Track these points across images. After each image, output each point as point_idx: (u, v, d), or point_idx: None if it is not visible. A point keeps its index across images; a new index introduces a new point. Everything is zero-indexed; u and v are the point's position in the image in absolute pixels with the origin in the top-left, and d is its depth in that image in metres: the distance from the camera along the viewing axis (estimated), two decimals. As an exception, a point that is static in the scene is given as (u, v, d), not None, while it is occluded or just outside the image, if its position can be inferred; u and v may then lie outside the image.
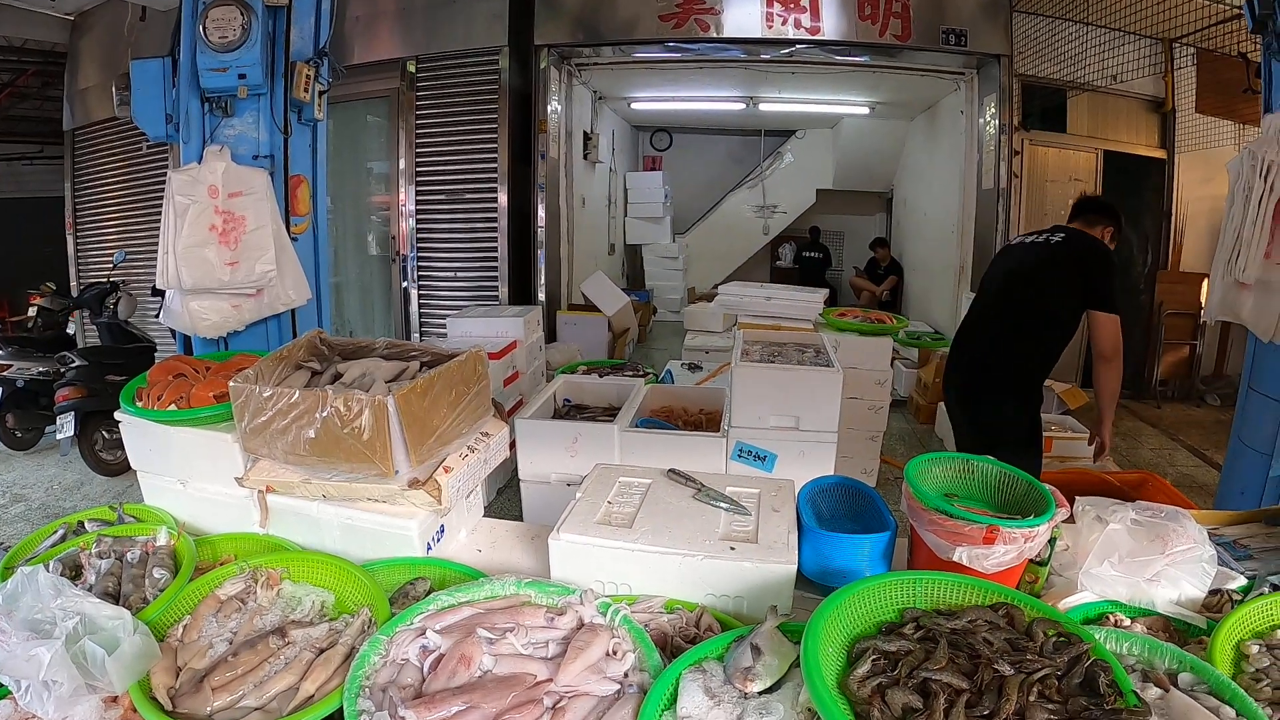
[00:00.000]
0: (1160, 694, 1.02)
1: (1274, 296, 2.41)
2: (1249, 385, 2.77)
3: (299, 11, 3.05)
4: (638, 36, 5.60)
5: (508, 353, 3.82)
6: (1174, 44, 5.88)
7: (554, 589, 1.25)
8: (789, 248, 10.31)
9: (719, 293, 4.76)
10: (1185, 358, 6.29)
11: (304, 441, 1.40)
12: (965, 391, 2.82)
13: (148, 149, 6.00)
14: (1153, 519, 1.35)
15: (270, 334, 3.14)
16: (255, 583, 1.31)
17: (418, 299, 6.06)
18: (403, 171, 5.90)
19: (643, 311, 7.84)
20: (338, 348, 1.70)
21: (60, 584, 1.15)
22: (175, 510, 1.68)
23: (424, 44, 5.71)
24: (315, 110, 3.18)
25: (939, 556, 1.28)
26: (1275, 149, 2.34)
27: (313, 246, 3.33)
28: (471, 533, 1.73)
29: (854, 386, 3.61)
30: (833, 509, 1.63)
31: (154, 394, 1.69)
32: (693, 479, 1.53)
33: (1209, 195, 6.13)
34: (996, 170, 5.63)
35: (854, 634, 1.06)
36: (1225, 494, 2.91)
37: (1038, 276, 2.63)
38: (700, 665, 1.05)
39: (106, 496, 4.13)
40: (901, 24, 5.30)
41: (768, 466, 2.35)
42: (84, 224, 7.13)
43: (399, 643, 1.11)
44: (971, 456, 1.51)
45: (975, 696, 0.92)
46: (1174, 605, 1.26)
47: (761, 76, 6.76)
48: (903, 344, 5.98)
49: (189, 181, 2.80)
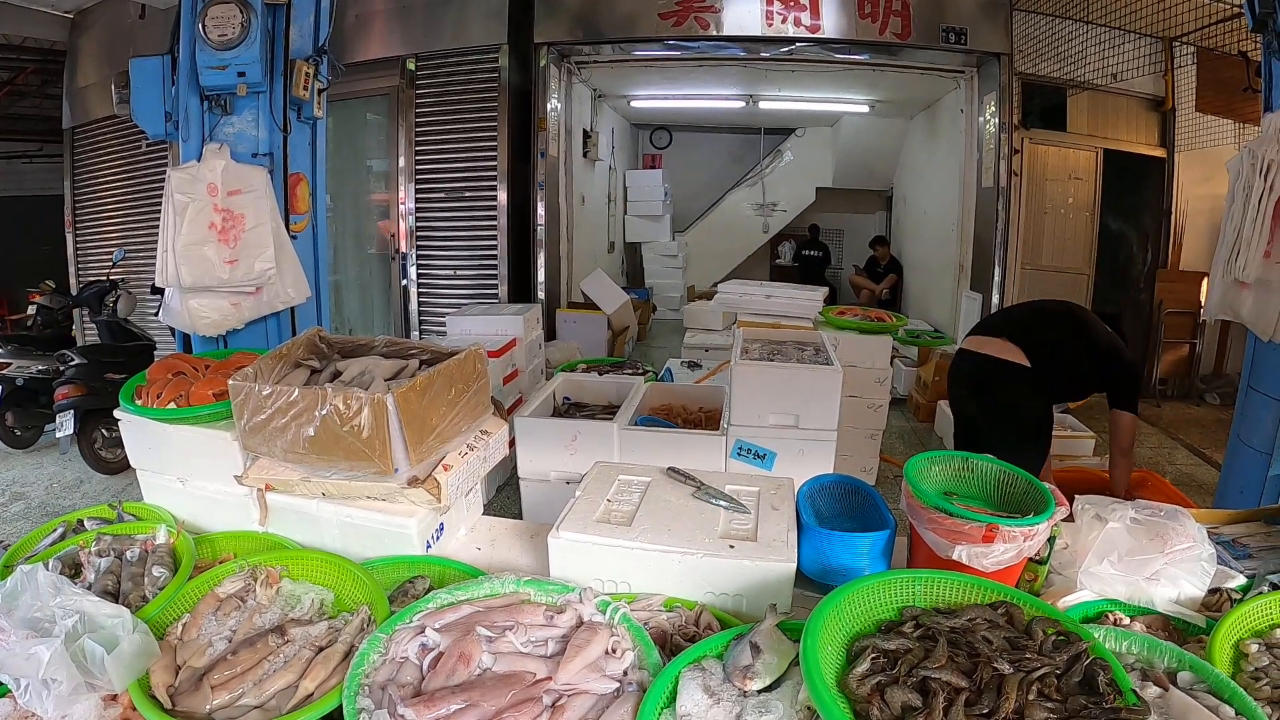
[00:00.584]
0: (1159, 693, 1.02)
1: (1273, 295, 2.40)
2: (1248, 384, 2.77)
3: (298, 9, 3.05)
4: (637, 34, 5.59)
5: (507, 351, 3.82)
6: (1174, 43, 5.87)
7: (553, 587, 1.25)
8: (788, 246, 10.30)
9: (718, 291, 4.75)
10: (1185, 356, 6.28)
11: (303, 440, 1.40)
12: (979, 380, 2.79)
13: (147, 147, 6.00)
14: (1152, 518, 1.35)
15: (269, 332, 3.14)
16: (254, 581, 1.31)
17: (417, 297, 6.06)
18: (402, 169, 5.89)
19: (642, 310, 7.84)
20: (337, 346, 1.70)
21: (60, 582, 1.15)
22: (175, 508, 1.68)
23: (424, 42, 5.70)
24: (315, 108, 3.17)
25: (938, 555, 1.28)
26: (1275, 148, 2.34)
27: (312, 244, 3.33)
28: (471, 531, 1.73)
29: (853, 385, 3.61)
30: (832, 507, 1.63)
31: (153, 392, 1.68)
32: (692, 477, 1.54)
33: (1209, 194, 6.13)
34: (996, 169, 5.63)
35: (853, 632, 1.06)
36: (1225, 493, 2.91)
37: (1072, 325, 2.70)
38: (700, 663, 1.05)
39: (106, 495, 4.13)
40: (901, 22, 5.30)
41: (767, 465, 2.35)
42: (83, 222, 7.12)
43: (398, 641, 1.11)
44: (971, 455, 1.51)
45: (974, 695, 0.92)
46: (1173, 604, 1.26)
47: (761, 75, 6.76)
48: (902, 342, 5.98)
49: (188, 179, 2.79)
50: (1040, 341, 2.66)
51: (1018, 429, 2.67)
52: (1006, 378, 2.65)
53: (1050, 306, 2.87)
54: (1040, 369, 2.62)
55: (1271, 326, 2.43)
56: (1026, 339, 2.66)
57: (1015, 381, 2.64)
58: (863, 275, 8.83)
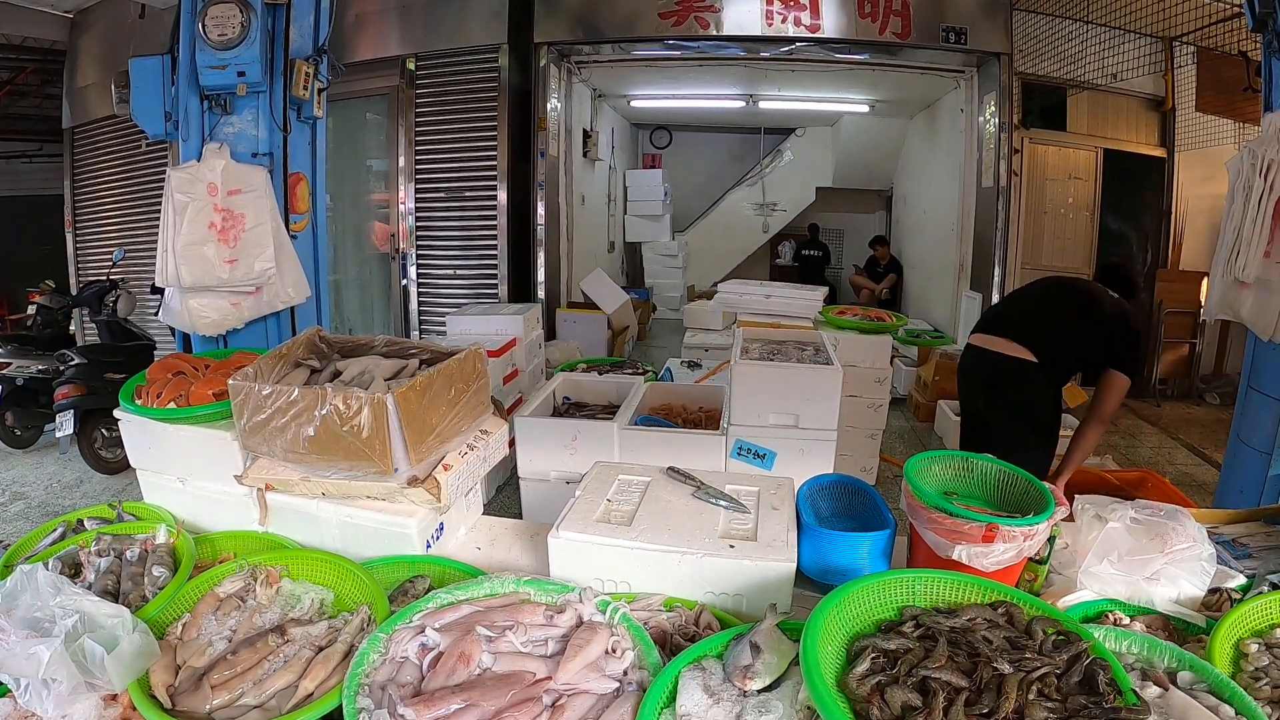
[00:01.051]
0: (1159, 692, 1.02)
1: (1273, 295, 2.40)
2: (1248, 384, 2.77)
3: (298, 9, 3.05)
4: (637, 34, 5.59)
5: (507, 350, 3.82)
6: (1174, 43, 5.87)
7: (553, 587, 1.25)
8: (788, 246, 10.30)
9: (718, 291, 4.76)
10: (1185, 356, 6.29)
11: (303, 439, 1.40)
12: (991, 378, 2.76)
13: (147, 147, 6.01)
14: (1152, 517, 1.35)
15: (269, 332, 3.14)
16: (254, 581, 1.31)
17: (417, 296, 6.06)
18: (402, 169, 5.89)
19: (642, 309, 7.84)
20: (337, 345, 1.70)
21: (59, 582, 1.15)
22: (174, 508, 1.68)
23: (424, 41, 5.70)
24: (314, 108, 3.17)
25: (938, 555, 1.28)
26: (1275, 148, 2.34)
27: (312, 244, 3.33)
28: (471, 530, 1.73)
29: (853, 384, 3.61)
30: (832, 507, 1.63)
31: (153, 392, 1.68)
32: (692, 477, 1.53)
33: (1209, 194, 6.13)
34: (996, 168, 5.63)
35: (853, 632, 1.06)
36: (1224, 492, 2.91)
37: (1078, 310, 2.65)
38: (699, 663, 1.05)
39: (106, 494, 4.13)
40: (901, 22, 5.30)
41: (767, 464, 2.35)
42: (83, 222, 7.12)
43: (398, 640, 1.11)
44: (971, 455, 1.51)
45: (974, 695, 0.92)
46: (1173, 604, 1.26)
47: (761, 74, 6.76)
48: (902, 342, 5.98)
49: (188, 179, 2.79)
50: (1046, 331, 2.63)
51: (1034, 427, 2.65)
52: (1018, 375, 2.64)
53: (1055, 289, 2.80)
54: (1049, 361, 2.60)
55: (1271, 326, 2.43)
56: (1032, 336, 2.63)
57: (1027, 378, 2.63)
58: (863, 275, 8.83)
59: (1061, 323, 2.64)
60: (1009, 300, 2.99)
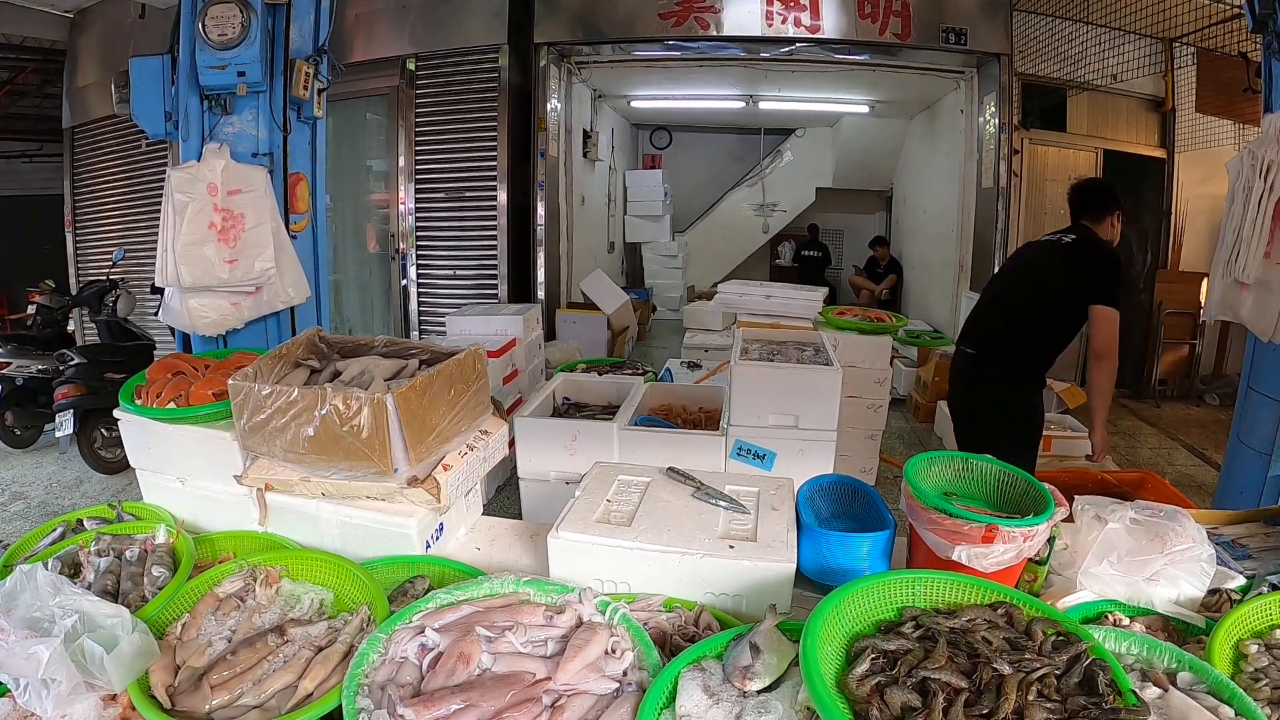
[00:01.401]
0: (1159, 693, 1.02)
1: (1273, 296, 2.40)
2: (1248, 385, 2.77)
3: (298, 9, 3.05)
4: (637, 35, 5.60)
5: (507, 351, 3.82)
6: (1174, 43, 5.87)
7: (553, 587, 1.24)
8: (788, 246, 10.30)
9: (718, 291, 4.75)
10: (1185, 357, 6.29)
11: (303, 439, 1.40)
12: (970, 374, 2.82)
13: (147, 146, 6.01)
14: (1152, 518, 1.35)
15: (269, 332, 3.14)
16: (254, 581, 1.31)
17: (417, 297, 6.06)
18: (402, 169, 5.89)
19: (642, 310, 7.84)
20: (337, 345, 1.70)
21: (59, 582, 1.15)
22: (174, 508, 1.68)
23: (424, 41, 5.70)
24: (314, 108, 3.18)
25: (938, 555, 1.28)
26: (1275, 148, 2.34)
27: (312, 244, 3.33)
28: (470, 531, 1.73)
29: (853, 385, 3.61)
30: (832, 508, 1.63)
31: (153, 392, 1.68)
32: (692, 477, 1.53)
33: (1209, 194, 6.13)
34: (996, 169, 5.63)
35: (853, 633, 1.06)
36: (1224, 493, 2.91)
37: (1046, 272, 2.67)
38: (699, 664, 1.05)
39: (105, 494, 4.13)
40: (901, 23, 5.30)
41: (767, 465, 2.35)
42: (83, 222, 7.12)
43: (398, 641, 1.10)
44: (971, 455, 1.51)
45: (974, 695, 0.92)
46: (1173, 604, 1.26)
47: (761, 75, 6.76)
48: (902, 343, 5.98)
49: (188, 179, 2.79)
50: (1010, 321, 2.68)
51: (1007, 418, 2.68)
52: (987, 368, 2.71)
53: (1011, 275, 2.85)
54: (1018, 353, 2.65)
55: (1271, 327, 2.43)
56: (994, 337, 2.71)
57: (1003, 374, 2.69)
58: (862, 275, 8.83)
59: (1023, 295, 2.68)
60: (978, 304, 2.99)
